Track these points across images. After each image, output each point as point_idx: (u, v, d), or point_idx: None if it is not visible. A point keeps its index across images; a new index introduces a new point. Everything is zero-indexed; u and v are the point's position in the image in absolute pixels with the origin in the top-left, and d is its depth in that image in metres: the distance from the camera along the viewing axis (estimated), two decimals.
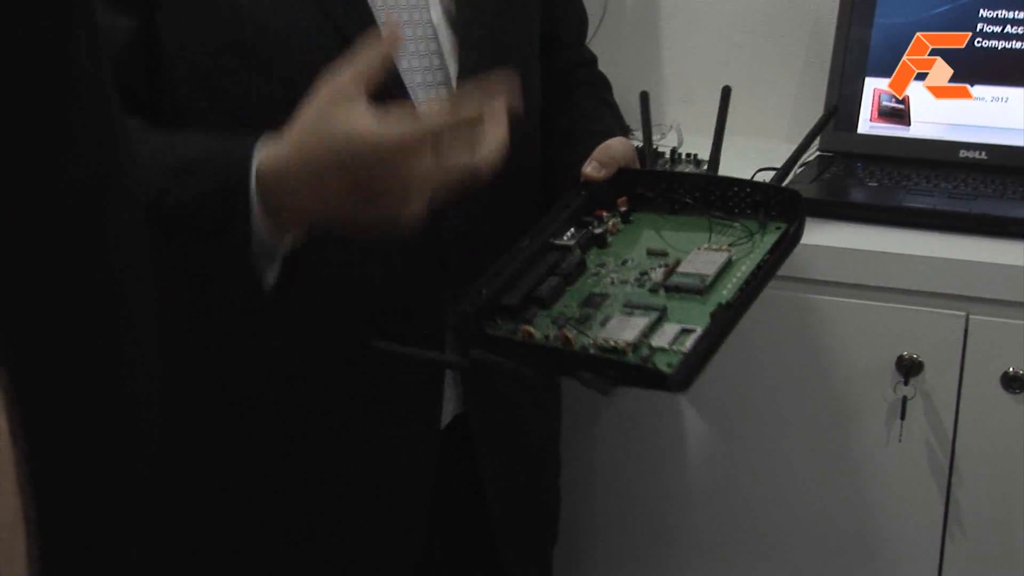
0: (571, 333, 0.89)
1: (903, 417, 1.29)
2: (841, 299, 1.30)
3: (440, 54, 1.04)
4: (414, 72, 1.03)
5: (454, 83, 1.04)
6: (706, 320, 0.88)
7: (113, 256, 0.56)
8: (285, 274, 0.92)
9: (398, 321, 1.05)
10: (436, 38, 1.04)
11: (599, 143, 1.10)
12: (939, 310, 1.26)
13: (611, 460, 1.46)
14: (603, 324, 0.91)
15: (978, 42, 1.49)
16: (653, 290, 0.95)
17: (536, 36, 1.17)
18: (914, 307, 1.27)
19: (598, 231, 1.03)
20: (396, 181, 0.84)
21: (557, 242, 1.02)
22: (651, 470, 1.43)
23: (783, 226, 0.99)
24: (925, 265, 1.26)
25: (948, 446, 1.30)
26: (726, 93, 1.11)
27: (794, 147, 1.15)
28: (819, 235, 1.29)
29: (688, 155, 1.53)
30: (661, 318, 0.90)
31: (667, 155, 1.53)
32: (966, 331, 1.26)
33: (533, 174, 1.17)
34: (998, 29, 1.49)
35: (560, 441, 1.32)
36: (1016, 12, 1.48)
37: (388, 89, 0.98)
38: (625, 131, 1.23)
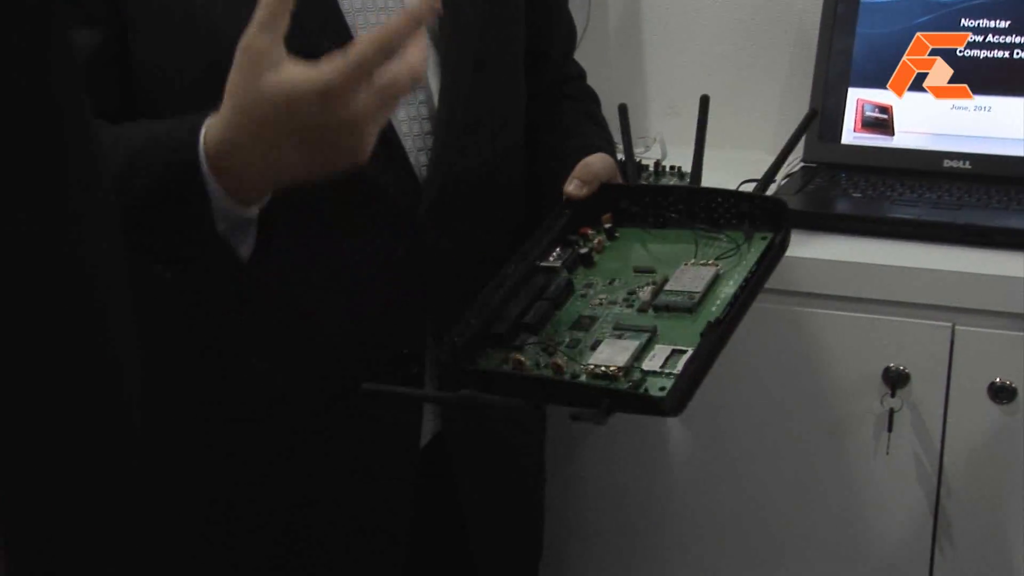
0: (562, 360, 0.88)
1: (890, 429, 1.28)
2: (826, 311, 1.29)
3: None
4: None
5: (435, 100, 1.04)
6: (696, 339, 0.87)
7: (88, 264, 0.56)
8: (261, 241, 0.92)
9: (375, 341, 1.04)
10: None
11: (582, 158, 1.09)
12: (925, 321, 1.26)
13: (598, 472, 1.45)
14: (593, 348, 0.90)
15: (960, 51, 1.49)
16: (642, 310, 0.94)
17: (521, 53, 1.16)
18: (900, 318, 1.26)
19: (584, 250, 1.02)
20: (341, 120, 0.83)
21: (543, 264, 1.01)
22: (637, 480, 1.43)
23: (768, 236, 0.98)
24: (910, 276, 1.25)
25: (936, 457, 1.29)
26: (704, 102, 1.10)
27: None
28: (803, 247, 1.28)
29: (672, 167, 1.53)
30: (651, 340, 0.89)
31: (651, 167, 1.53)
32: (952, 342, 1.25)
33: (518, 191, 1.16)
34: (980, 39, 1.48)
35: (545, 451, 1.31)
36: (998, 21, 1.48)
37: None
38: (611, 145, 1.23)
